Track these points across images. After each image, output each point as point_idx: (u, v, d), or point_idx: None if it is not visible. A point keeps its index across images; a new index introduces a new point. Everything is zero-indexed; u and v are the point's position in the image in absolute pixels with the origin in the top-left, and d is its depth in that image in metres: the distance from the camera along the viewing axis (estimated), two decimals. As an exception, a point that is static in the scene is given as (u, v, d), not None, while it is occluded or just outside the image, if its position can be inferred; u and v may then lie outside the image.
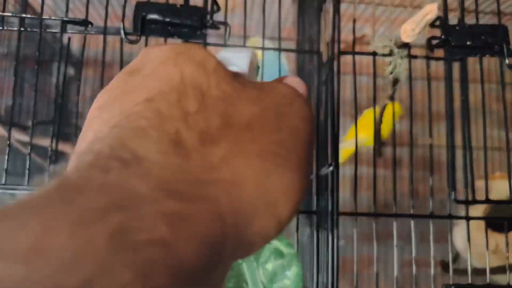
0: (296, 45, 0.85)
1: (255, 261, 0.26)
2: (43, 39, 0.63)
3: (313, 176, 0.68)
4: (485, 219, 0.79)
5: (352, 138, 0.97)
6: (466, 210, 0.64)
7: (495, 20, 0.68)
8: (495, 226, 1.00)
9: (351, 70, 0.67)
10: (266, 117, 0.21)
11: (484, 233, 0.93)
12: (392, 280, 0.64)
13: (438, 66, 0.72)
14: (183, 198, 0.16)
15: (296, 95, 0.23)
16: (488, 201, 0.63)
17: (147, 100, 0.19)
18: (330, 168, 0.62)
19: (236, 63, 0.25)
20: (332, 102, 0.62)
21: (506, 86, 0.67)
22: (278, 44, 0.68)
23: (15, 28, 0.64)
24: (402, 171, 0.89)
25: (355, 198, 0.63)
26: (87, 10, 0.62)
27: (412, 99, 0.68)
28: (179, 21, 0.61)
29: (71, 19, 0.61)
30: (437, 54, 0.66)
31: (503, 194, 0.69)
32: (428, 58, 0.66)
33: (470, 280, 0.65)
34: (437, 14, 0.60)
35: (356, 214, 0.62)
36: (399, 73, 0.66)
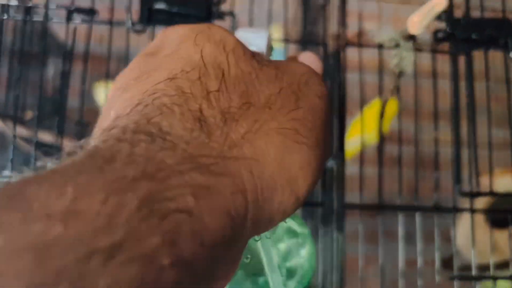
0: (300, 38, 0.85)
1: (270, 238, 0.26)
2: (42, 32, 0.63)
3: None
4: (489, 211, 0.79)
5: (353, 138, 0.97)
6: (470, 203, 0.64)
7: (499, 15, 0.69)
8: (495, 222, 1.01)
9: (354, 66, 0.67)
10: (284, 95, 0.21)
11: (484, 229, 0.94)
12: (392, 279, 0.64)
13: (442, 62, 0.72)
14: (207, 172, 0.17)
15: (312, 73, 0.23)
16: (492, 193, 0.64)
17: (169, 79, 0.20)
18: (335, 160, 0.62)
19: (255, 43, 0.25)
20: (339, 94, 0.62)
21: (501, 83, 0.67)
22: (283, 38, 0.68)
23: (19, 18, 0.64)
24: (403, 169, 0.88)
25: (361, 189, 0.63)
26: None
27: (417, 96, 0.68)
28: (185, 11, 0.61)
29: (78, 8, 0.60)
30: (441, 48, 0.67)
31: (503, 190, 0.70)
32: (433, 51, 0.66)
33: (474, 273, 0.66)
34: (445, 6, 0.60)
35: (361, 207, 0.62)
36: (405, 66, 0.66)
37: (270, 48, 0.27)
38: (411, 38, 0.65)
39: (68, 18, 0.61)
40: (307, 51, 0.27)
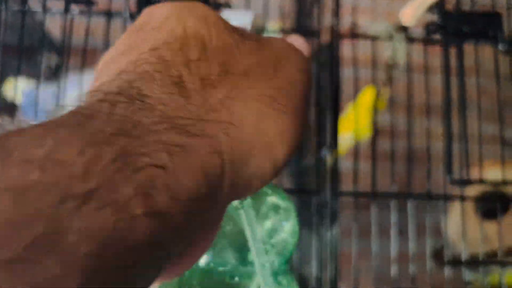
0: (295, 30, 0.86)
1: (253, 211, 0.27)
2: (31, 26, 0.63)
3: (311, 157, 0.69)
4: (479, 200, 0.81)
5: (344, 133, 0.98)
6: (460, 191, 0.65)
7: (489, 9, 0.70)
8: (485, 213, 1.02)
9: (348, 62, 0.68)
10: (263, 66, 0.22)
11: (474, 220, 0.95)
12: (385, 270, 0.65)
13: (433, 57, 0.73)
14: (184, 132, 0.18)
15: (294, 49, 0.24)
16: (482, 181, 0.65)
17: (152, 49, 0.21)
18: (329, 150, 0.63)
19: (238, 20, 0.26)
20: (332, 86, 0.63)
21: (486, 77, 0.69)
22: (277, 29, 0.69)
23: (15, 8, 0.64)
24: (395, 162, 0.90)
25: (354, 179, 0.64)
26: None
27: (409, 90, 0.69)
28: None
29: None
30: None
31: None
32: (425, 43, 0.67)
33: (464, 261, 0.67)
34: (437, -2, 0.61)
35: (355, 195, 0.64)
36: (398, 58, 0.67)
37: (257, 28, 0.27)
38: (404, 30, 0.66)
39: (66, 9, 0.61)
40: (295, 35, 0.28)
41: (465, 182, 0.64)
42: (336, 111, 0.63)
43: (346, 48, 0.70)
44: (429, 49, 0.68)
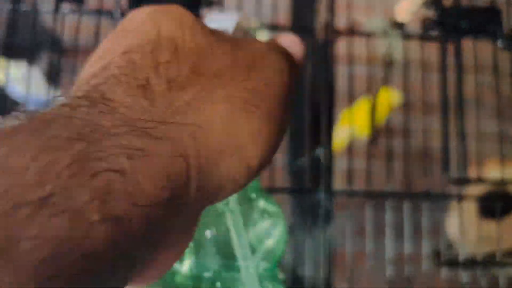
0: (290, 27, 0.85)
1: (243, 222, 0.26)
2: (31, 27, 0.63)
3: (305, 156, 0.68)
4: (481, 199, 0.79)
5: (342, 128, 0.97)
6: (458, 190, 0.64)
7: (488, 4, 0.69)
8: (487, 213, 1.01)
9: (344, 59, 0.67)
10: (237, 67, 0.21)
11: (475, 220, 0.94)
12: (382, 270, 0.64)
13: (430, 53, 0.72)
14: (146, 135, 0.17)
15: (271, 50, 0.23)
16: (480, 180, 0.64)
17: (123, 52, 0.20)
18: (323, 149, 0.62)
19: (220, 23, 0.25)
20: (325, 84, 0.62)
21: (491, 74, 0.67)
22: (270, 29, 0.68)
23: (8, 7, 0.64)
24: (392, 161, 0.89)
25: (349, 178, 0.63)
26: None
27: (406, 87, 0.68)
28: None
29: (66, -3, 0.60)
30: (430, 36, 0.67)
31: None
32: (422, 39, 0.66)
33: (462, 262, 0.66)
34: (432, -7, 0.60)
35: (349, 194, 0.63)
36: (395, 55, 0.66)
37: (243, 31, 0.27)
38: (400, 26, 0.65)
39: (57, 8, 0.61)
40: (289, 33, 0.27)
41: (462, 181, 0.63)
42: (330, 110, 0.62)
43: (343, 45, 0.69)
44: (426, 46, 0.67)
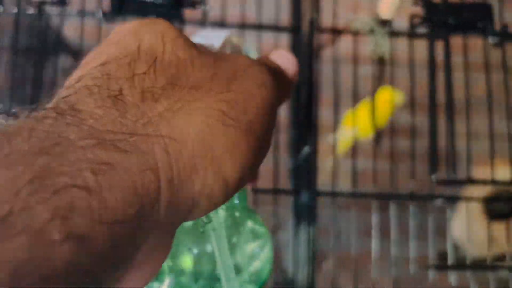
0: (292, 35, 0.85)
1: (230, 242, 0.25)
2: (40, 29, 0.63)
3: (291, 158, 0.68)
4: (486, 200, 0.77)
5: (348, 127, 0.95)
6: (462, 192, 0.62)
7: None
8: (493, 215, 0.98)
9: (348, 58, 0.66)
10: (216, 79, 0.21)
11: (481, 222, 0.91)
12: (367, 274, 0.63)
13: (422, 51, 0.71)
14: (113, 148, 0.17)
15: (254, 64, 0.23)
16: (470, 181, 0.62)
17: (101, 64, 0.20)
18: (307, 149, 0.62)
19: (207, 39, 0.25)
20: (308, 80, 0.61)
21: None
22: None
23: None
24: (378, 161, 0.87)
25: (334, 178, 0.62)
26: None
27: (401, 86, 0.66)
28: (156, 0, 0.61)
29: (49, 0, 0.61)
30: (418, 33, 0.65)
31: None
32: (410, 36, 0.65)
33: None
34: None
35: (334, 195, 0.62)
36: (382, 52, 0.65)
37: (231, 47, 0.27)
38: (386, 23, 0.63)
39: (40, 10, 0.61)
40: (280, 50, 0.27)
41: (450, 183, 0.61)
42: (310, 108, 0.61)
43: (346, 43, 0.68)
44: (415, 43, 0.66)
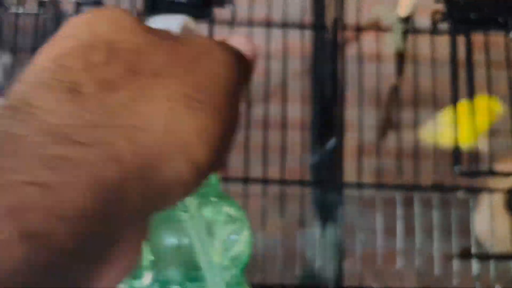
0: (314, 33, 0.87)
1: (208, 229, 0.25)
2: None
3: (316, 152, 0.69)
4: (490, 191, 0.78)
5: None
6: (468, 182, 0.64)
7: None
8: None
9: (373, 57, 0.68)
10: (179, 64, 0.21)
11: (504, 216, 0.92)
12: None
13: (444, 48, 0.72)
14: (71, 142, 0.17)
15: (216, 45, 0.22)
16: (492, 173, 0.63)
17: (56, 57, 0.20)
18: (335, 141, 0.64)
19: (165, 25, 0.25)
20: (334, 77, 0.63)
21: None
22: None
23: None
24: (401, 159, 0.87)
25: (360, 167, 0.64)
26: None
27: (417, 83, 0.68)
28: None
29: (84, 1, 0.64)
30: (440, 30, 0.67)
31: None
32: (432, 33, 0.66)
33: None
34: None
35: (360, 186, 0.64)
36: (402, 49, 0.66)
37: (188, 31, 0.26)
38: (407, 20, 0.65)
39: (77, 11, 0.65)
40: (237, 35, 0.27)
41: (472, 174, 0.62)
42: (340, 104, 0.63)
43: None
44: (436, 39, 0.67)
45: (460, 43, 0.66)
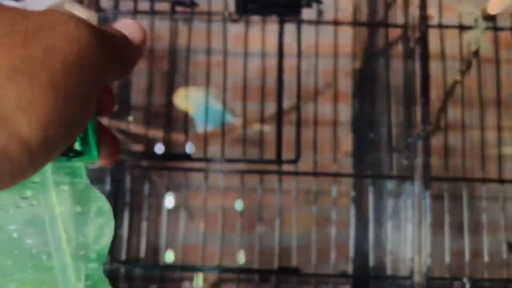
0: (368, 29, 0.89)
1: (73, 222, 0.24)
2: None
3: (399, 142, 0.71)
4: None
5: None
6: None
7: None
8: None
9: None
10: (12, 35, 0.20)
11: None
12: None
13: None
14: None
15: (68, 20, 0.21)
16: None
17: None
18: (421, 133, 0.65)
19: (36, 4, 0.25)
20: (423, 75, 0.65)
21: None
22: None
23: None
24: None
25: (446, 163, 0.65)
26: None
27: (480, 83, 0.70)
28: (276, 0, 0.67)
29: (180, 1, 0.67)
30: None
31: None
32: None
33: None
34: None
35: (447, 179, 0.65)
36: (479, 47, 0.68)
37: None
38: (491, 18, 0.67)
39: (172, 12, 0.67)
40: (126, 19, 0.26)
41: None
42: (426, 96, 0.65)
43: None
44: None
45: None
